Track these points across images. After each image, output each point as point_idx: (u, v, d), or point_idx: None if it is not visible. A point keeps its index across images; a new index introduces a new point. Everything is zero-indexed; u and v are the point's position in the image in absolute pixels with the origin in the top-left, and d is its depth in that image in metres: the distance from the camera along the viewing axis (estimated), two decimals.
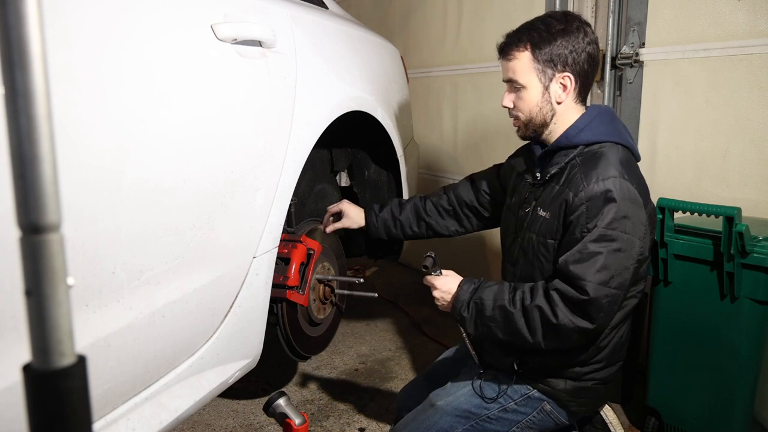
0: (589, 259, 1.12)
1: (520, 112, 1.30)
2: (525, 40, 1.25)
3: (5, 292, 0.78)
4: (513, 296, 1.19)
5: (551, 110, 1.28)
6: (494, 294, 1.21)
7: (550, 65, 1.24)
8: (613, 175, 1.15)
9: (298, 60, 1.45)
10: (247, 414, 1.96)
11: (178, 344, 1.13)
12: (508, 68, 1.28)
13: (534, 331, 1.16)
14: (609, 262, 1.12)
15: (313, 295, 1.69)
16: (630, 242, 1.14)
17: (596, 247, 1.12)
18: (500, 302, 1.19)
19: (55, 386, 0.44)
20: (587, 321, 1.12)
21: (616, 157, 1.20)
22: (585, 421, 1.45)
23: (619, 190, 1.14)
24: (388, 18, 3.53)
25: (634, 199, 1.15)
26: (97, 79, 0.91)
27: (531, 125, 1.30)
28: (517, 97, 1.29)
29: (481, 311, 1.22)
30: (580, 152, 1.25)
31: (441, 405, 1.34)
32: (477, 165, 3.06)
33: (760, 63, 1.77)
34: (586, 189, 1.16)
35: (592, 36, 1.26)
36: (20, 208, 0.42)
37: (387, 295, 3.06)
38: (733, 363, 1.50)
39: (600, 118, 1.27)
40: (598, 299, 1.11)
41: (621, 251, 1.13)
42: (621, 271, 1.13)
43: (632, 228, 1.14)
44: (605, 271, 1.11)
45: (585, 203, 1.15)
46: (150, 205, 1.01)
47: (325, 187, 2.12)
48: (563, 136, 1.27)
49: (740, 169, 1.85)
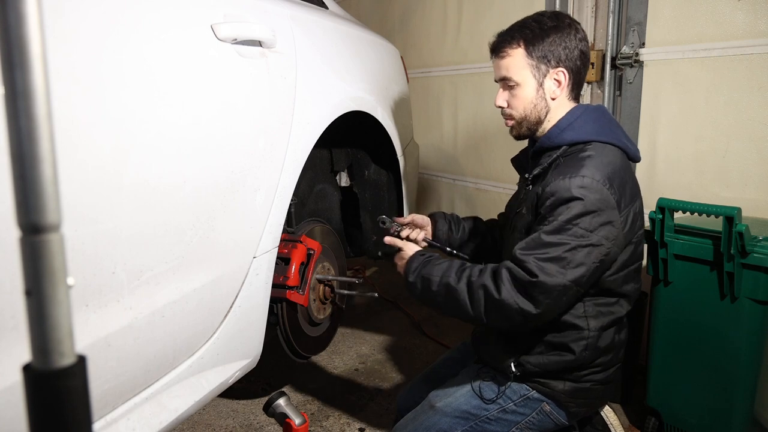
0: (541, 247, 1.12)
1: (514, 110, 1.30)
2: (518, 38, 1.26)
3: (5, 292, 0.78)
4: (461, 274, 1.20)
5: (546, 107, 1.28)
6: (442, 271, 1.22)
7: (543, 61, 1.25)
8: (585, 174, 1.14)
9: (298, 60, 1.45)
10: (247, 414, 1.96)
11: (178, 344, 1.13)
12: (502, 66, 1.28)
13: (476, 304, 1.16)
14: (562, 253, 1.11)
15: (313, 295, 1.69)
16: (589, 239, 1.12)
17: (551, 238, 1.12)
18: (445, 279, 1.20)
19: (55, 386, 0.44)
20: (531, 304, 1.12)
21: (600, 158, 1.18)
22: (585, 421, 1.45)
23: (587, 189, 1.12)
24: (388, 18, 3.53)
25: (604, 199, 1.13)
26: (97, 79, 0.91)
27: (525, 123, 1.30)
28: (511, 95, 1.29)
29: (427, 286, 1.23)
30: (563, 152, 1.24)
31: (440, 406, 1.34)
32: (477, 165, 3.08)
33: (760, 63, 1.77)
34: (554, 183, 1.16)
35: (583, 34, 1.28)
36: (20, 208, 0.42)
37: (387, 295, 3.06)
38: (733, 363, 1.50)
39: (585, 116, 1.26)
40: (545, 284, 1.10)
41: (579, 247, 1.11)
42: (575, 265, 1.12)
43: (595, 227, 1.12)
44: (558, 260, 1.11)
45: (551, 197, 1.15)
46: (150, 205, 1.01)
47: (325, 187, 2.12)
48: (545, 136, 1.28)
49: (740, 169, 1.85)
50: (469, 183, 3.06)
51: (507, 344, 1.31)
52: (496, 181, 2.87)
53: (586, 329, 1.23)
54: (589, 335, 1.23)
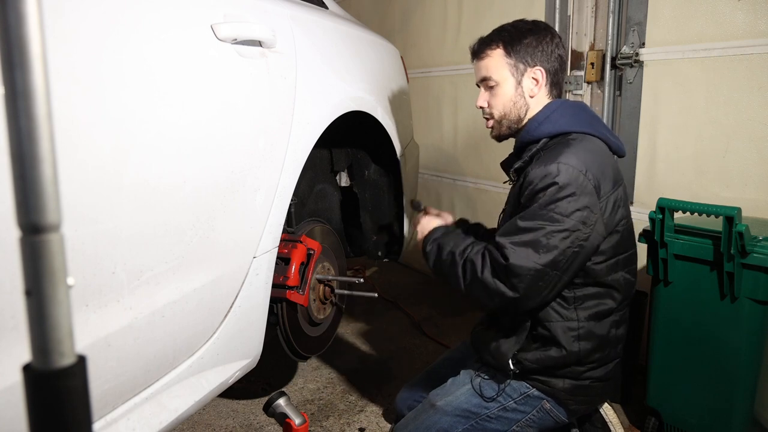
0: (517, 232, 1.17)
1: (494, 110, 1.35)
2: (497, 40, 1.32)
3: (5, 292, 0.78)
4: (465, 248, 1.27)
5: (525, 104, 1.33)
6: (454, 242, 1.30)
7: (522, 60, 1.30)
8: (560, 161, 1.16)
9: (298, 60, 1.45)
10: (247, 414, 1.96)
11: (178, 344, 1.13)
12: (481, 67, 1.34)
13: (466, 277, 1.24)
14: (537, 237, 1.14)
15: (313, 295, 1.69)
16: (563, 224, 1.14)
17: (526, 223, 1.16)
18: (453, 248, 1.28)
19: (55, 386, 0.44)
20: (507, 288, 1.17)
21: (578, 146, 1.20)
22: (584, 419, 1.45)
23: (564, 173, 1.14)
24: (388, 18, 3.53)
25: (581, 185, 1.15)
26: (97, 79, 0.91)
27: (505, 122, 1.35)
28: (491, 95, 1.35)
29: (439, 252, 1.32)
30: (544, 145, 1.27)
31: (441, 405, 1.34)
32: (477, 165, 3.08)
33: (760, 63, 1.77)
34: (532, 172, 1.19)
35: (559, 39, 1.34)
36: (20, 208, 0.42)
37: (387, 295, 3.06)
38: (733, 363, 1.50)
39: (561, 110, 1.30)
40: (518, 267, 1.14)
41: (554, 232, 1.14)
42: (549, 249, 1.14)
43: (570, 211, 1.14)
44: (532, 245, 1.15)
45: (529, 186, 1.19)
46: (150, 205, 1.01)
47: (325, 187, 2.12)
48: (525, 131, 1.32)
49: (740, 169, 1.86)
50: (469, 183, 3.06)
51: (505, 342, 1.31)
52: (496, 181, 2.87)
53: (575, 320, 1.24)
54: (579, 326, 1.24)
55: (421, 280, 3.38)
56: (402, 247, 2.24)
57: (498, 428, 1.31)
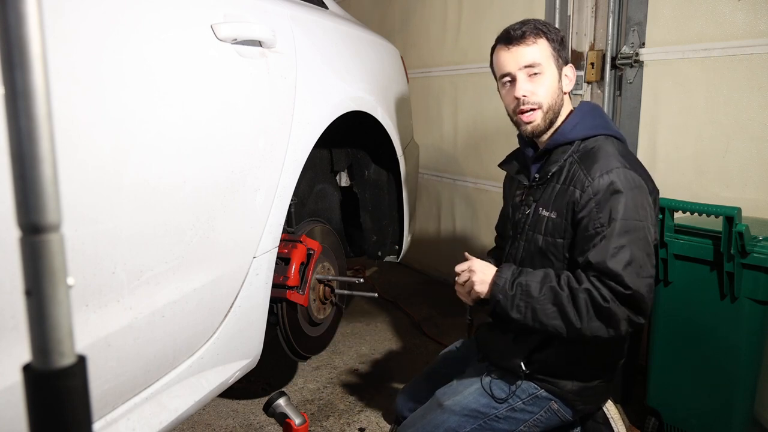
0: (619, 253, 1.12)
1: (542, 99, 1.26)
2: (539, 29, 1.27)
3: (5, 292, 0.78)
4: (559, 280, 1.17)
5: (561, 100, 1.31)
6: (540, 277, 1.19)
7: (560, 55, 1.29)
8: (615, 167, 1.17)
9: (298, 60, 1.45)
10: (247, 414, 1.96)
11: (178, 344, 1.13)
12: (527, 53, 1.25)
13: (580, 313, 1.13)
14: (635, 252, 1.13)
15: (313, 295, 1.69)
16: (646, 228, 1.16)
17: (621, 240, 1.13)
18: (549, 283, 1.16)
19: (55, 386, 0.44)
20: (634, 312, 1.13)
21: (614, 149, 1.22)
22: (587, 416, 1.45)
23: (624, 180, 1.16)
24: (388, 18, 3.53)
25: (640, 185, 1.17)
26: (97, 79, 0.91)
27: (550, 114, 1.28)
28: (535, 83, 1.26)
29: (527, 292, 1.17)
30: (576, 148, 1.26)
31: (449, 404, 1.33)
32: (477, 165, 3.08)
33: (760, 63, 1.77)
34: (593, 185, 1.17)
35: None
36: (20, 208, 0.42)
37: (387, 295, 3.06)
38: (733, 363, 1.50)
39: (592, 113, 1.30)
40: (639, 290, 1.11)
41: (641, 239, 1.14)
42: (645, 257, 1.15)
43: (644, 214, 1.16)
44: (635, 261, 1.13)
45: (593, 198, 1.17)
46: (150, 205, 1.01)
47: (325, 187, 2.12)
48: (559, 132, 1.29)
49: (740, 169, 1.85)
50: (469, 183, 3.06)
51: (516, 342, 1.31)
52: (496, 181, 2.86)
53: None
54: None
55: (421, 280, 3.38)
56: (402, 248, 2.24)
57: (506, 428, 1.30)
